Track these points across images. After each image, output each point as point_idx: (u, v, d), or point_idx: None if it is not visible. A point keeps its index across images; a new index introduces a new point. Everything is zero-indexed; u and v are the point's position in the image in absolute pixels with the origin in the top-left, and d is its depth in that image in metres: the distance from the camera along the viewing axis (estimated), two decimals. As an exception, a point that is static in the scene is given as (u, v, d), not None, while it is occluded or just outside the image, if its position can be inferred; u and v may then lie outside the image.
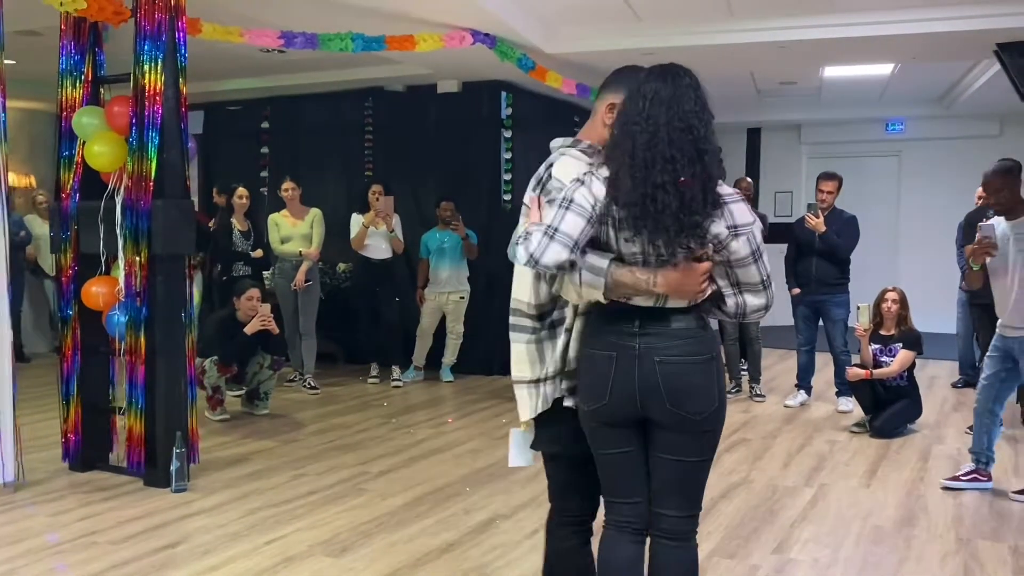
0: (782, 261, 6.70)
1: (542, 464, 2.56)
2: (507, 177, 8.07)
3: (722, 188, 2.19)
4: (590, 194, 2.16)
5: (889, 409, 5.84)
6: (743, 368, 7.27)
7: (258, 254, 7.20)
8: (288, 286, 7.16)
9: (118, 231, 4.55)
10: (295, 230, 7.19)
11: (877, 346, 5.92)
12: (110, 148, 4.60)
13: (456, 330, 7.67)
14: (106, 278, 4.70)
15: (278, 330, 6.27)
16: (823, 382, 7.07)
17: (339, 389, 7.35)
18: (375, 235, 7.33)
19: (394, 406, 6.76)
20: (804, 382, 6.81)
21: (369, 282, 7.50)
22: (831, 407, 6.63)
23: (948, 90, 9.38)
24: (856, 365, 6.00)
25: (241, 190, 7.17)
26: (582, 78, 7.49)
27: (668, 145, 2.12)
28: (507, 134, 8.09)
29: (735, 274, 2.24)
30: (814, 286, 6.50)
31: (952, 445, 5.57)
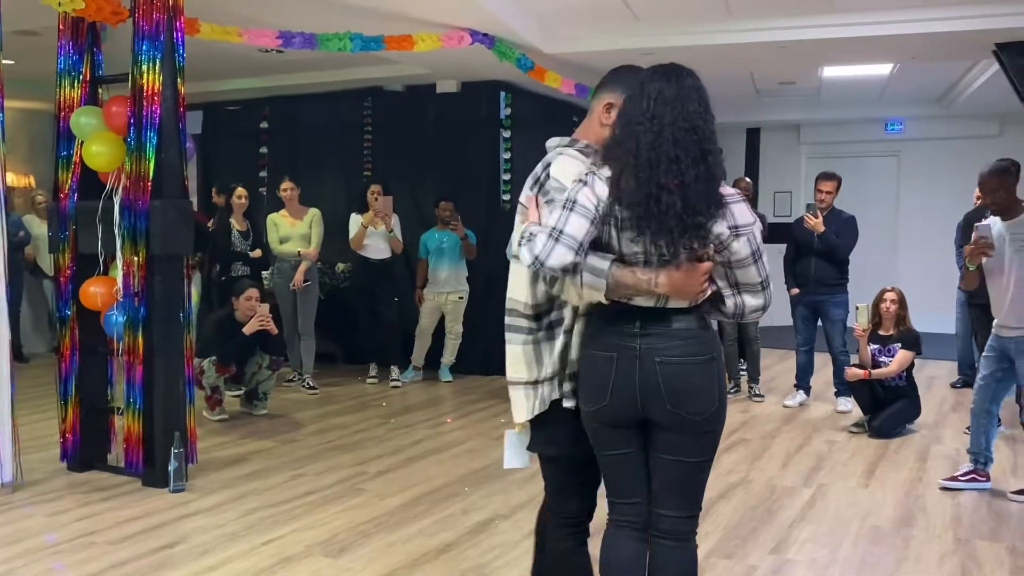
0: (781, 261, 6.70)
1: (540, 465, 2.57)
2: (506, 177, 8.07)
3: (724, 188, 2.20)
4: (593, 194, 2.15)
5: (888, 409, 5.84)
6: (742, 368, 7.27)
7: (257, 254, 7.19)
8: (287, 286, 7.15)
9: (116, 231, 4.55)
10: (294, 230, 7.19)
11: (876, 346, 5.92)
12: (108, 148, 4.60)
13: (455, 330, 7.67)
14: (104, 278, 4.70)
15: (277, 330, 6.27)
16: (822, 382, 7.08)
17: (338, 389, 7.35)
18: (374, 235, 7.33)
19: (393, 406, 6.76)
20: (803, 382, 6.81)
21: (368, 282, 7.50)
22: (830, 407, 6.63)
23: (947, 90, 9.38)
24: (855, 365, 6.00)
25: (240, 190, 7.16)
26: (581, 78, 7.49)
27: (673, 145, 2.12)
28: (506, 134, 8.09)
29: (734, 275, 2.24)
30: (813, 286, 6.51)
31: (951, 445, 5.57)
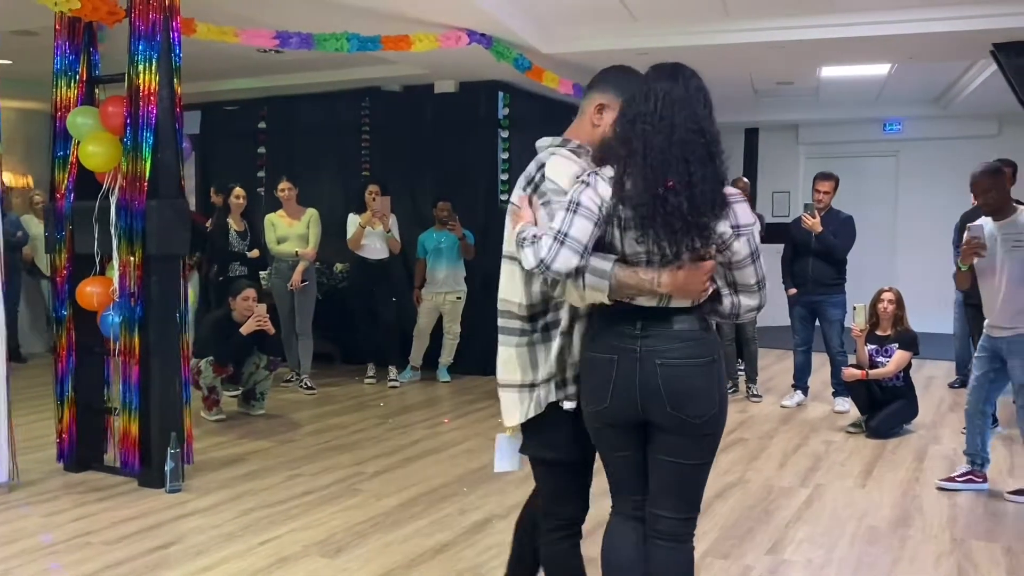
0: (779, 261, 6.70)
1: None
2: (504, 177, 8.07)
3: (726, 188, 2.21)
4: (596, 195, 2.15)
5: (885, 409, 5.84)
6: (740, 368, 7.27)
7: (254, 254, 7.18)
8: (284, 286, 7.15)
9: (112, 231, 4.55)
10: (291, 230, 7.18)
11: (873, 346, 5.92)
12: (104, 148, 4.60)
13: (453, 330, 7.67)
14: (100, 278, 4.70)
15: (274, 330, 6.27)
16: (820, 382, 7.08)
17: (336, 389, 7.35)
18: (372, 235, 7.33)
19: (390, 406, 6.76)
20: (801, 382, 6.81)
21: (366, 282, 7.50)
22: (828, 407, 6.63)
23: (945, 90, 9.38)
24: (852, 365, 6.00)
25: (238, 190, 7.15)
26: (579, 78, 7.48)
27: (682, 147, 2.12)
28: (504, 134, 8.09)
29: (732, 275, 2.24)
30: (810, 286, 6.51)
31: (948, 445, 5.56)
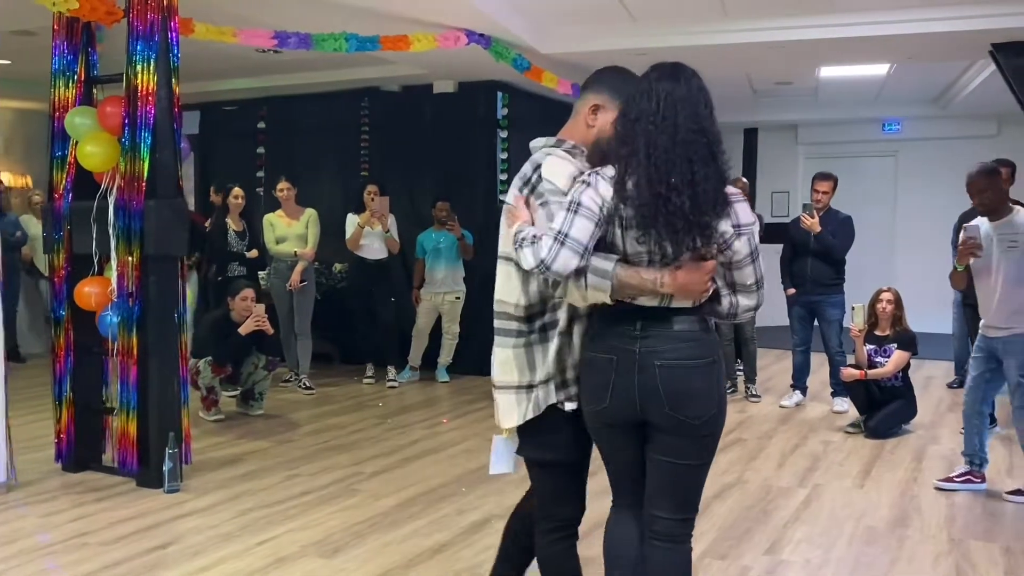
0: (777, 261, 6.70)
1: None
2: (503, 177, 8.06)
3: (727, 188, 2.21)
4: (597, 195, 2.15)
5: (884, 409, 5.83)
6: (739, 368, 7.27)
7: (253, 254, 7.17)
8: (283, 286, 7.14)
9: (111, 231, 4.54)
10: (290, 230, 7.18)
11: (872, 346, 5.92)
12: (102, 148, 4.59)
13: (452, 330, 7.66)
14: (99, 278, 4.69)
15: (272, 330, 6.27)
16: (818, 382, 7.08)
17: (334, 389, 7.34)
18: (370, 235, 7.33)
19: (389, 406, 6.76)
20: (800, 382, 6.81)
21: (365, 282, 7.49)
22: (826, 407, 6.63)
23: (944, 90, 9.37)
24: (851, 365, 6.00)
25: (236, 190, 7.15)
26: (578, 78, 7.47)
27: (685, 147, 2.13)
28: (503, 134, 8.08)
29: (731, 275, 2.25)
30: (809, 286, 6.51)
31: (947, 445, 5.56)
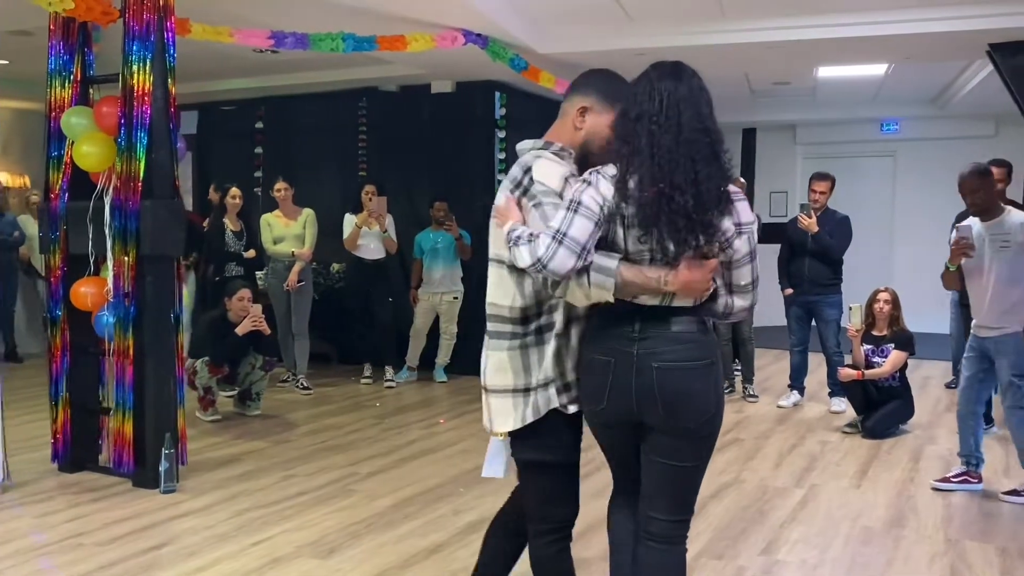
0: (775, 261, 6.69)
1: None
2: (501, 177, 8.06)
3: (730, 186, 2.22)
4: (598, 194, 2.15)
5: (881, 410, 5.83)
6: (736, 368, 7.27)
7: (251, 254, 7.18)
8: (281, 286, 7.13)
9: (107, 231, 4.54)
10: (288, 230, 7.17)
11: (869, 347, 5.92)
12: (99, 148, 4.59)
13: (449, 330, 7.66)
14: (95, 279, 4.69)
15: (269, 331, 6.26)
16: (816, 382, 7.07)
17: (332, 389, 7.34)
18: (368, 235, 7.32)
19: (387, 407, 6.75)
20: (797, 382, 6.81)
21: (362, 282, 7.49)
22: (824, 407, 6.63)
23: (943, 90, 9.37)
24: (848, 366, 6.00)
25: (234, 190, 7.15)
26: (575, 78, 7.47)
27: (689, 145, 2.13)
28: (501, 134, 8.08)
29: (730, 275, 2.25)
30: (807, 286, 6.51)
31: (944, 445, 5.56)
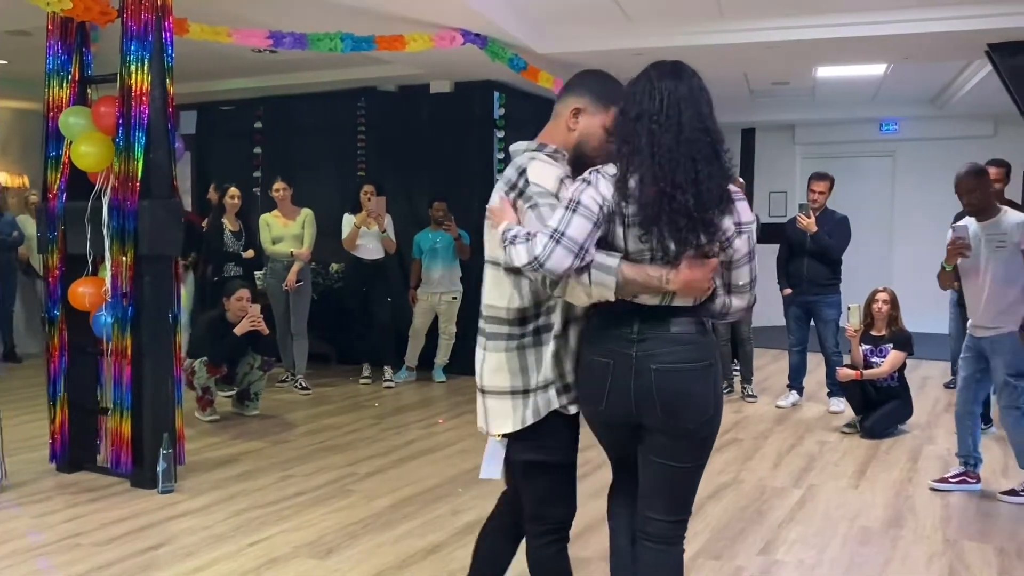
0: (773, 261, 6.69)
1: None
2: (500, 177, 8.04)
3: (729, 186, 2.22)
4: (597, 194, 2.15)
5: (880, 410, 5.83)
6: (735, 369, 7.27)
7: (249, 254, 7.18)
8: (280, 286, 7.13)
9: (105, 231, 4.54)
10: (286, 230, 7.17)
11: (868, 347, 5.92)
12: (97, 148, 4.59)
13: (448, 331, 7.66)
14: (93, 279, 4.69)
15: (268, 331, 6.26)
16: (815, 383, 7.06)
17: (331, 390, 7.34)
18: (367, 235, 7.32)
19: (385, 407, 6.75)
20: (796, 383, 6.80)
21: (361, 282, 7.49)
22: (823, 407, 6.63)
23: (941, 90, 9.37)
24: (847, 366, 5.99)
25: (233, 190, 7.15)
26: (574, 78, 7.46)
27: (690, 145, 2.13)
28: (500, 134, 8.08)
29: (728, 275, 2.25)
30: (805, 286, 6.51)
31: (942, 445, 5.56)
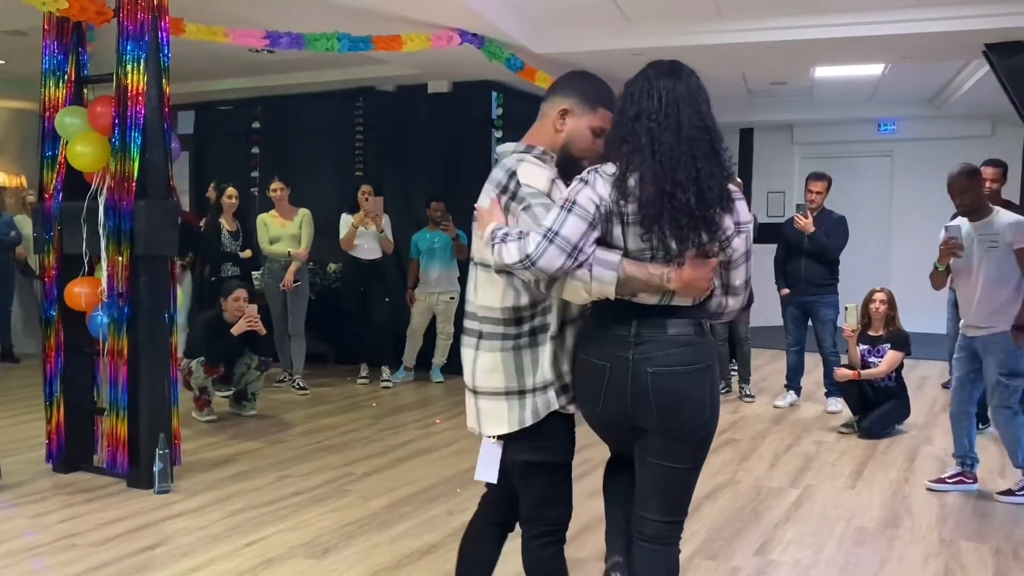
0: (771, 261, 6.69)
1: None
2: (498, 177, 8.04)
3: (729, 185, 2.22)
4: (594, 194, 2.14)
5: (877, 410, 5.83)
6: (733, 369, 7.27)
7: (247, 254, 7.17)
8: (277, 286, 7.13)
9: (101, 231, 4.53)
10: (284, 230, 7.16)
11: (865, 347, 5.92)
12: (93, 148, 4.58)
13: (446, 330, 7.65)
14: (89, 279, 4.68)
15: (265, 331, 6.25)
16: (812, 383, 7.06)
17: (328, 390, 7.33)
18: (364, 235, 7.32)
19: (383, 407, 6.75)
20: (793, 383, 6.80)
21: (359, 282, 7.48)
22: (820, 408, 6.63)
23: (939, 91, 9.37)
24: (844, 366, 5.99)
25: (230, 190, 7.15)
26: (572, 78, 7.46)
27: (689, 143, 2.13)
28: (498, 134, 8.07)
29: (727, 275, 2.25)
30: (803, 287, 6.51)
31: (940, 445, 5.55)
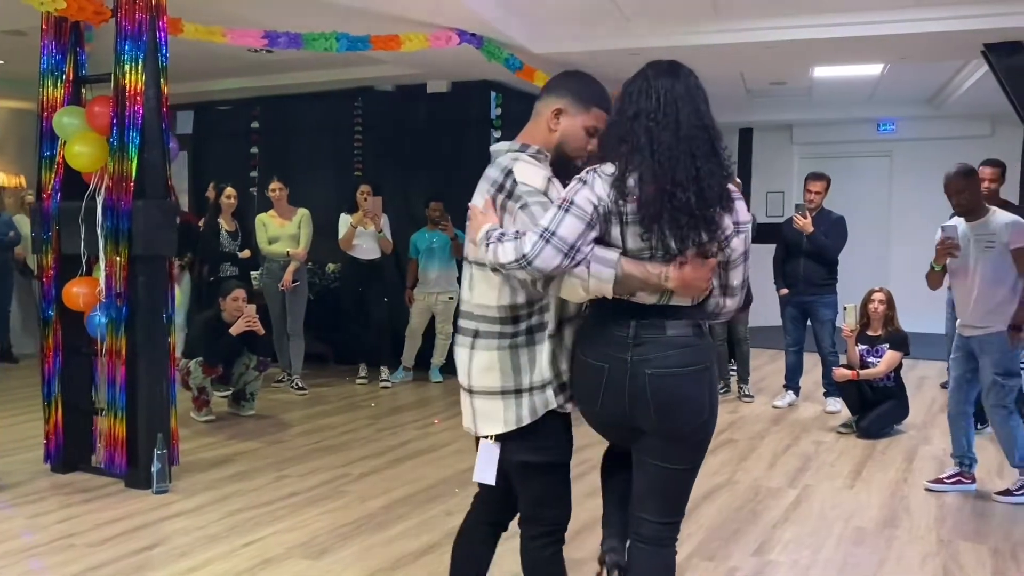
0: (769, 261, 6.69)
1: None
2: (497, 177, 8.03)
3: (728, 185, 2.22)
4: (592, 194, 2.14)
5: (876, 410, 5.83)
6: (732, 369, 7.27)
7: (246, 254, 7.17)
8: (276, 286, 7.12)
9: (99, 231, 4.53)
10: (283, 230, 7.16)
11: (864, 347, 5.92)
12: (91, 148, 4.58)
13: (445, 330, 7.63)
14: (87, 279, 4.68)
15: (263, 331, 6.25)
16: (811, 383, 7.06)
17: (327, 390, 7.33)
18: (363, 235, 7.31)
19: (382, 407, 6.74)
20: (792, 383, 6.80)
21: (358, 282, 7.48)
22: (819, 408, 6.62)
23: (938, 90, 9.36)
24: (843, 366, 5.99)
25: (229, 190, 7.14)
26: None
27: (689, 142, 2.13)
28: (496, 134, 8.06)
29: (725, 275, 2.25)
30: (802, 287, 6.50)
31: (938, 446, 5.55)
